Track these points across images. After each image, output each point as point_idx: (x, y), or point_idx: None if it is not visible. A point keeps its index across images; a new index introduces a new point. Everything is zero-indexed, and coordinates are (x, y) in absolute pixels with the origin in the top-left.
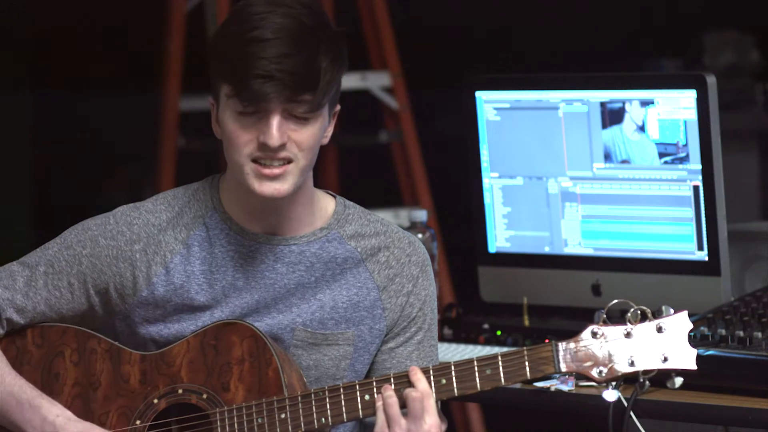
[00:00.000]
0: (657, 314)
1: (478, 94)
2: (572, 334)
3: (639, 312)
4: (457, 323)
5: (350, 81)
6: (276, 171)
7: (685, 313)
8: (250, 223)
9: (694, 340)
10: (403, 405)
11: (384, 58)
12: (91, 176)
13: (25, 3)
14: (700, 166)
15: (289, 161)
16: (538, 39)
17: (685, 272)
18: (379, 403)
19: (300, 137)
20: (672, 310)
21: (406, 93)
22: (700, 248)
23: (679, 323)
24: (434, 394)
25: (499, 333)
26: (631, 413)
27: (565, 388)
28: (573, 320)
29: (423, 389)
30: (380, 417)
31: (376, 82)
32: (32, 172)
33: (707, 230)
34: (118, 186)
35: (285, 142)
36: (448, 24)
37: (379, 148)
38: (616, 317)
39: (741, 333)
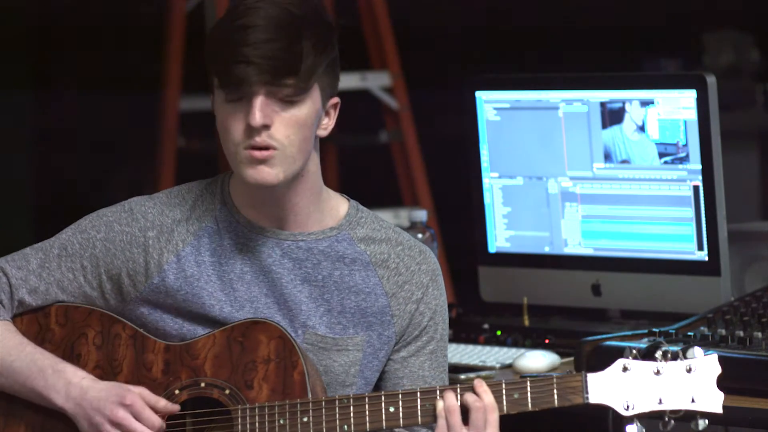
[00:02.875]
0: (686, 355)
1: (478, 94)
2: (572, 334)
3: (669, 352)
4: (457, 323)
5: (350, 81)
6: (264, 153)
7: (715, 356)
8: (258, 217)
9: (694, 339)
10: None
11: (384, 58)
12: (91, 176)
13: (26, 3)
14: (700, 166)
15: (271, 148)
16: (538, 39)
17: (685, 272)
18: (440, 408)
19: (285, 120)
20: (702, 353)
21: (406, 93)
22: (700, 248)
23: (708, 366)
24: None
25: (499, 333)
26: None
27: None
28: (573, 320)
29: (489, 402)
30: (441, 425)
31: (376, 82)
32: (32, 172)
33: (707, 230)
34: (118, 186)
35: (269, 123)
36: (448, 24)
37: (379, 148)
38: (616, 317)
39: (741, 333)
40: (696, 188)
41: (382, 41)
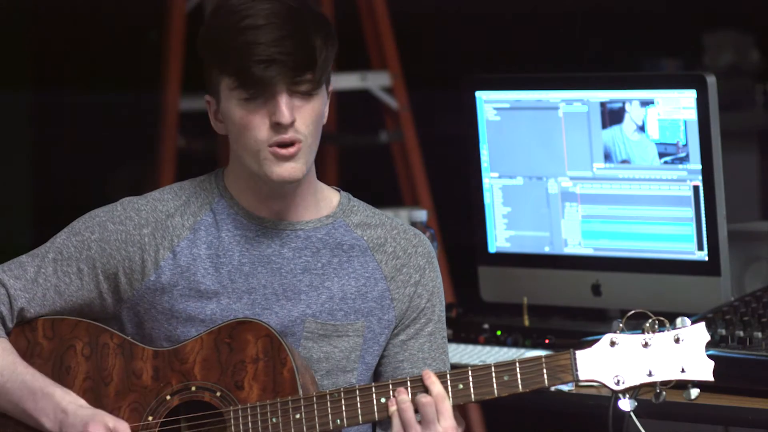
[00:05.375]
0: (673, 325)
1: (478, 94)
2: (573, 334)
3: (656, 322)
4: (457, 323)
5: (350, 81)
6: (291, 150)
7: (703, 324)
8: (257, 209)
9: None
10: (418, 409)
11: (384, 58)
12: (91, 176)
13: (26, 3)
14: (700, 166)
15: (298, 142)
16: (538, 39)
17: (685, 272)
18: (393, 408)
19: (306, 113)
20: (689, 321)
21: (406, 93)
22: (700, 248)
23: (696, 334)
24: (451, 398)
25: (499, 333)
26: (632, 413)
27: (565, 388)
28: (573, 320)
29: (437, 392)
30: (395, 422)
31: (376, 82)
32: (32, 172)
33: (707, 230)
34: (118, 186)
35: (295, 118)
36: (448, 24)
37: (379, 148)
38: (616, 317)
39: (741, 333)
40: (696, 188)
41: (382, 41)
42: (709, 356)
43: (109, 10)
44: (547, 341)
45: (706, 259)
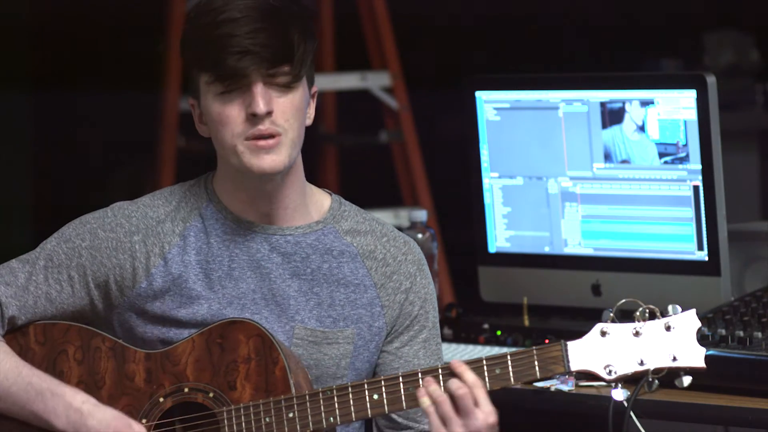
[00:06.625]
0: (664, 313)
1: (478, 94)
2: (572, 334)
3: (647, 311)
4: (457, 323)
5: (350, 81)
6: (270, 142)
7: (693, 311)
8: (245, 212)
9: None
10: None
11: (384, 58)
12: (91, 176)
13: (25, 3)
14: (700, 166)
15: (277, 135)
16: (539, 39)
17: (685, 272)
18: (427, 404)
19: (284, 106)
20: (680, 309)
21: (406, 93)
22: (700, 248)
23: (687, 322)
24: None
25: (499, 333)
26: (631, 413)
27: (565, 388)
28: (573, 320)
29: (472, 381)
30: (434, 420)
31: (376, 82)
32: (32, 172)
33: (707, 230)
34: (117, 186)
35: (271, 110)
36: (448, 24)
37: (379, 148)
38: (616, 317)
39: (741, 333)
40: (696, 188)
41: (382, 41)
42: (710, 356)
43: (109, 10)
44: (547, 341)
45: (706, 259)
